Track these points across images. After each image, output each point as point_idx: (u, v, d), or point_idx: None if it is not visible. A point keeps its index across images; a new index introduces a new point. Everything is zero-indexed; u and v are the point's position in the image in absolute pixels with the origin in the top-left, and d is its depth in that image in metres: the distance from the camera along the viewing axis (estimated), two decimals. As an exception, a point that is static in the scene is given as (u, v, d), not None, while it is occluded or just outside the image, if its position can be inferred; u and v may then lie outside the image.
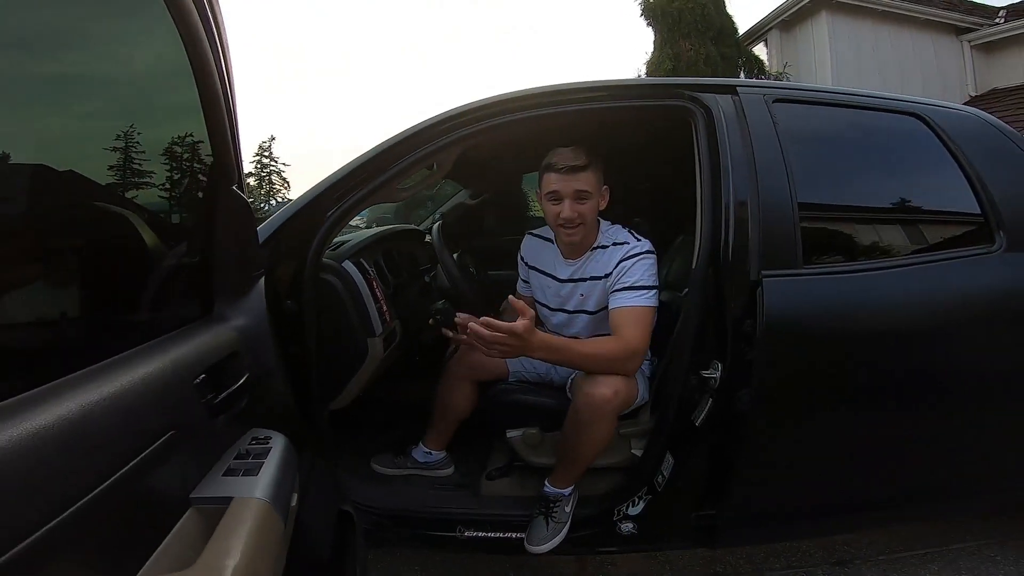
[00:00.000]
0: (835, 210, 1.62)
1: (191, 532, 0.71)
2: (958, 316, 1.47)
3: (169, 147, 0.95)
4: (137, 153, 0.84)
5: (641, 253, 1.57)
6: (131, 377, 0.68)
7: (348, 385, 1.61)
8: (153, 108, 0.97)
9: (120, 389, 0.65)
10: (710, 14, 8.03)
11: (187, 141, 0.97)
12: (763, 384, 1.36)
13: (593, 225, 1.62)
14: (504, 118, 1.56)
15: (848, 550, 1.93)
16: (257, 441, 0.94)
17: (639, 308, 1.51)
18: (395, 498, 1.71)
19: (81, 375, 0.64)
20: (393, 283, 1.97)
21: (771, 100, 1.54)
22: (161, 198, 0.96)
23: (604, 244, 1.63)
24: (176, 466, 0.74)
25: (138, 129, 0.84)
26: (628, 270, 1.55)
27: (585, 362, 1.49)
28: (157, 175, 0.92)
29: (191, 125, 0.96)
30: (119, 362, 0.70)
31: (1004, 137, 1.62)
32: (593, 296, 1.64)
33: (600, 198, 1.60)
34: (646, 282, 1.53)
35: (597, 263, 1.63)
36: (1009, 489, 1.66)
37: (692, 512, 1.53)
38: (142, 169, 0.86)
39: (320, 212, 1.47)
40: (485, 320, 1.36)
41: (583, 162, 1.54)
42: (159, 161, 0.92)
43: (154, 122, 0.97)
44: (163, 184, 0.96)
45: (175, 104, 0.98)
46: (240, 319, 1.06)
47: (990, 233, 1.50)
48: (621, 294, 1.53)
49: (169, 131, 0.97)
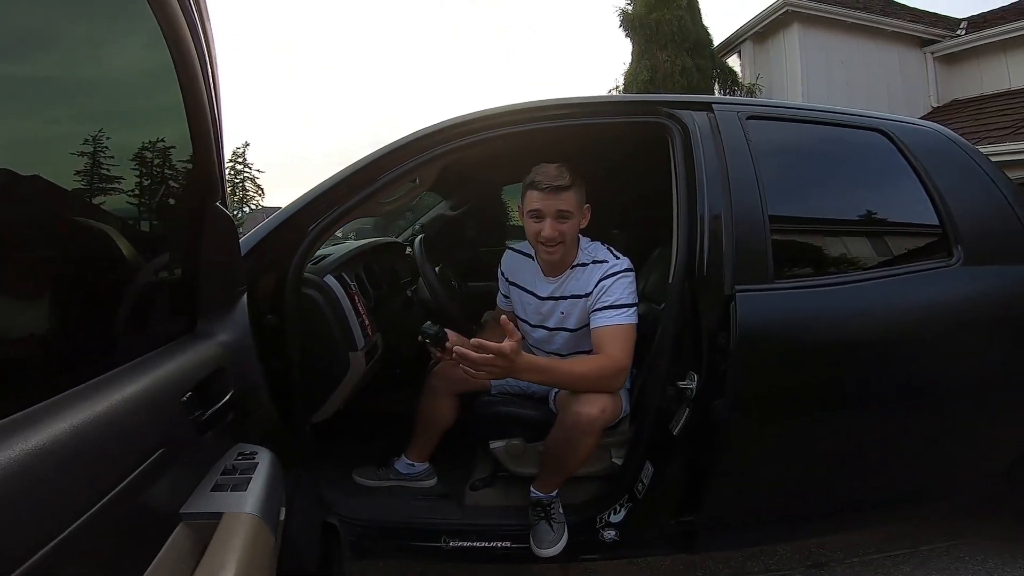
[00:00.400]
0: (804, 224, 1.68)
1: (182, 547, 0.71)
2: (920, 328, 1.53)
3: (154, 164, 0.95)
4: (121, 169, 0.84)
5: (621, 271, 1.59)
6: (121, 396, 0.68)
7: (330, 398, 1.61)
8: (139, 126, 0.97)
9: (111, 408, 0.65)
10: (687, 26, 8.18)
11: (173, 159, 0.98)
12: (737, 394, 1.40)
13: (573, 243, 1.64)
14: (487, 133, 1.59)
15: (823, 553, 1.99)
16: (243, 456, 0.95)
17: (622, 327, 1.53)
18: (378, 510, 1.71)
19: (71, 394, 0.64)
20: (374, 296, 1.97)
21: (745, 117, 1.59)
22: (146, 215, 0.97)
23: (584, 262, 1.65)
24: (166, 483, 0.74)
25: (123, 146, 0.84)
26: (608, 289, 1.57)
27: (572, 382, 1.51)
28: (141, 192, 0.92)
29: (176, 142, 0.96)
30: (108, 380, 0.71)
31: (962, 152, 1.69)
32: (574, 314, 1.66)
33: (582, 217, 1.61)
34: (626, 300, 1.55)
35: (577, 281, 1.64)
36: (972, 490, 1.73)
37: (672, 519, 1.57)
38: (126, 186, 0.86)
39: (302, 226, 1.47)
40: (476, 342, 1.36)
41: (566, 182, 1.54)
42: (144, 178, 0.92)
43: (139, 139, 0.98)
44: (148, 201, 0.96)
45: (163, 123, 0.99)
46: (225, 335, 1.06)
47: (949, 247, 1.57)
48: (603, 313, 1.55)
49: (154, 149, 0.98)
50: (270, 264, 1.43)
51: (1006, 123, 6.46)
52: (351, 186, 1.52)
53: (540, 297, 1.71)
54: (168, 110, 0.96)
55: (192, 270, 1.03)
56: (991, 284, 1.57)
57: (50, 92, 0.74)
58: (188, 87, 0.89)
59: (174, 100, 0.90)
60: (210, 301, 1.07)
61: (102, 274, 0.83)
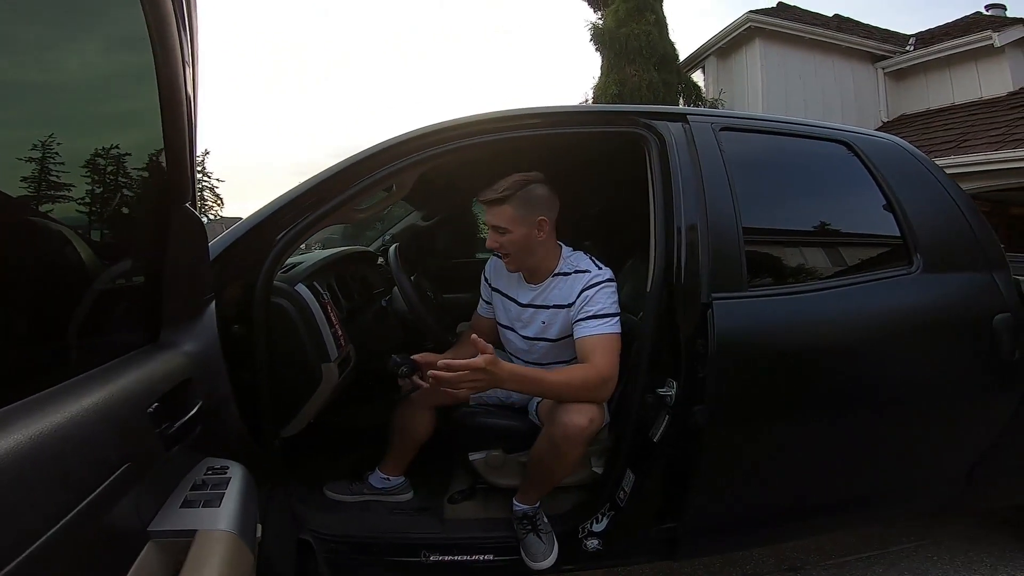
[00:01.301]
0: (774, 233, 1.72)
1: (152, 568, 0.67)
2: (884, 332, 1.58)
3: (118, 163, 0.90)
4: (80, 168, 0.80)
5: (603, 281, 1.58)
6: (80, 407, 0.64)
7: (301, 411, 1.56)
8: (105, 120, 0.92)
9: (69, 420, 0.61)
10: (655, 40, 8.34)
11: (140, 157, 0.93)
12: (715, 400, 1.42)
13: (528, 254, 1.61)
14: (464, 141, 1.57)
15: (799, 556, 2.03)
16: (213, 471, 0.90)
17: (607, 336, 1.52)
18: (352, 525, 1.65)
19: (21, 406, 0.59)
20: (347, 307, 1.93)
21: (718, 128, 1.63)
22: (107, 216, 0.91)
23: (565, 271, 1.63)
24: (133, 499, 0.69)
25: (84, 142, 0.80)
26: (591, 299, 1.56)
27: (558, 391, 1.49)
28: (103, 192, 0.88)
29: (144, 139, 0.92)
30: (64, 391, 0.66)
31: (918, 163, 1.76)
32: (556, 324, 1.64)
33: (533, 229, 1.57)
34: (609, 309, 1.55)
35: (559, 290, 1.63)
36: (936, 492, 1.78)
37: (654, 526, 1.57)
38: (86, 187, 0.82)
39: (271, 233, 1.43)
40: (444, 363, 1.36)
41: (498, 196, 1.55)
42: (107, 177, 0.87)
43: (104, 135, 0.93)
44: (110, 201, 0.91)
45: (129, 118, 0.94)
46: (192, 344, 1.01)
47: (909, 255, 1.63)
48: (587, 323, 1.54)
49: (119, 145, 0.93)
50: (237, 273, 1.38)
51: (950, 137, 6.81)
52: (323, 192, 1.49)
53: (521, 304, 1.70)
54: (136, 108, 0.92)
55: (157, 275, 0.98)
56: (948, 290, 1.63)
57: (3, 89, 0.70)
58: (167, 83, 0.85)
59: (147, 96, 0.86)
60: (176, 308, 1.02)
61: (55, 279, 0.78)
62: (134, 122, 0.93)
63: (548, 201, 1.60)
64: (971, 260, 1.65)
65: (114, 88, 0.93)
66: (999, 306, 1.60)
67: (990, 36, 7.52)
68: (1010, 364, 1.59)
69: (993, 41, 7.47)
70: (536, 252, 1.61)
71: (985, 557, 1.99)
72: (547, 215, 1.58)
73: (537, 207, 1.57)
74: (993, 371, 1.62)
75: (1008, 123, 6.33)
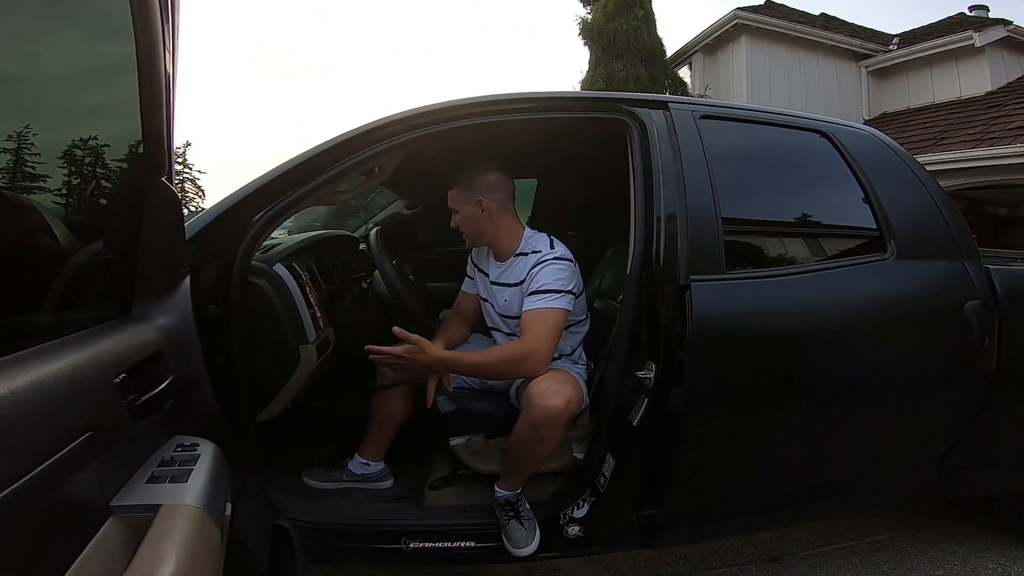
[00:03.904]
0: (752, 218, 1.74)
1: (113, 542, 0.65)
2: (858, 317, 1.60)
3: (92, 135, 0.88)
4: (54, 140, 0.78)
5: (551, 259, 1.63)
6: (42, 372, 0.62)
7: (279, 394, 1.53)
8: (78, 87, 0.90)
9: (29, 384, 0.59)
10: (642, 36, 8.35)
11: (114, 129, 0.91)
12: (694, 382, 1.43)
13: (482, 235, 1.75)
14: (444, 126, 1.56)
15: (777, 547, 2.06)
16: (183, 448, 0.89)
17: (543, 311, 1.57)
18: (331, 512, 1.64)
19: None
20: (327, 290, 1.90)
21: (698, 116, 1.64)
22: (81, 190, 0.89)
23: (524, 251, 1.70)
24: (95, 472, 0.68)
25: (56, 111, 0.78)
26: (536, 276, 1.61)
27: (487, 370, 1.61)
28: (75, 163, 0.86)
29: (121, 111, 0.90)
30: (27, 357, 0.64)
31: (894, 155, 1.79)
32: (514, 302, 1.70)
33: (478, 210, 1.70)
34: (552, 286, 1.59)
35: (517, 269, 1.70)
36: (910, 479, 1.80)
37: (634, 512, 1.57)
38: (58, 156, 0.80)
39: (249, 214, 1.41)
40: (370, 347, 1.53)
41: (450, 181, 1.75)
42: (79, 148, 0.85)
43: (76, 104, 0.90)
44: (84, 174, 0.89)
45: (104, 85, 0.92)
46: (165, 318, 1.00)
47: (884, 242, 1.66)
48: (529, 298, 1.60)
49: (94, 115, 0.91)
50: (214, 254, 1.35)
51: (929, 135, 6.91)
52: (303, 173, 1.46)
53: (491, 280, 1.77)
54: (114, 75, 0.90)
55: (131, 248, 0.96)
56: (921, 277, 1.65)
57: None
58: (145, 56, 0.83)
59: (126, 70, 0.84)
60: (149, 282, 1.00)
61: (24, 249, 0.76)
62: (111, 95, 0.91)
63: (492, 184, 1.72)
64: (944, 249, 1.68)
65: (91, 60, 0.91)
66: (970, 294, 1.63)
67: (971, 36, 7.62)
68: (980, 351, 1.62)
69: (974, 41, 7.57)
70: (485, 231, 1.73)
71: (957, 548, 2.03)
72: (487, 196, 1.70)
73: (477, 190, 1.70)
74: (964, 358, 1.64)
75: (984, 122, 6.44)
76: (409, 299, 1.85)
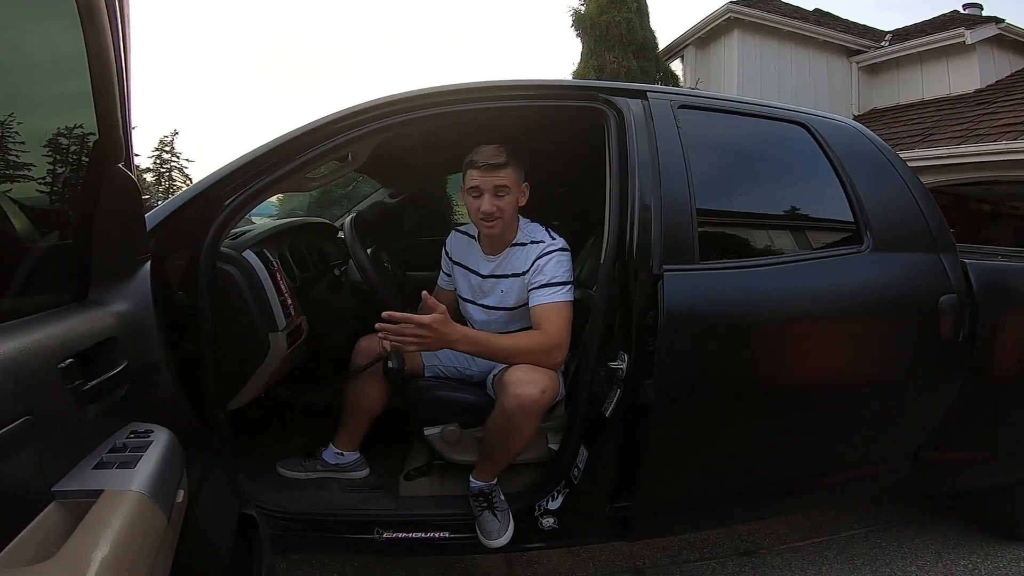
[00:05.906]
0: (728, 208, 1.73)
1: (52, 527, 0.64)
2: (832, 309, 1.60)
3: (46, 120, 0.87)
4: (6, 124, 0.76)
5: (555, 250, 1.63)
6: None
7: (248, 383, 1.52)
8: (28, 70, 0.88)
9: None
10: (635, 28, 8.29)
11: (68, 115, 0.89)
12: (665, 373, 1.42)
13: (512, 220, 1.67)
14: (422, 112, 1.55)
15: (753, 541, 2.07)
16: (136, 435, 0.87)
17: (557, 303, 1.57)
18: (304, 501, 1.63)
19: None
20: (300, 278, 1.88)
21: (676, 106, 1.62)
22: (35, 175, 0.88)
23: (523, 241, 1.68)
24: (33, 456, 0.66)
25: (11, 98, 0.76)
26: (543, 268, 1.61)
27: (506, 354, 1.55)
28: (28, 147, 0.84)
29: (73, 97, 0.88)
30: None
31: (874, 148, 1.79)
32: (513, 292, 1.68)
33: (520, 194, 1.65)
34: (561, 278, 1.59)
35: (516, 260, 1.67)
36: (885, 472, 1.81)
37: (608, 505, 1.57)
38: (11, 142, 0.78)
39: (218, 199, 1.39)
40: (387, 314, 1.42)
41: (503, 160, 1.59)
42: (31, 133, 0.84)
43: (27, 86, 0.89)
44: (38, 159, 0.87)
45: (56, 69, 0.90)
46: (120, 304, 0.98)
47: (860, 234, 1.66)
48: (540, 291, 1.59)
49: (48, 104, 0.89)
50: (182, 239, 1.33)
51: (916, 131, 6.93)
52: (275, 159, 1.45)
53: (482, 276, 1.73)
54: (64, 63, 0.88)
55: (86, 234, 0.94)
56: (896, 270, 1.65)
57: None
58: (93, 48, 0.82)
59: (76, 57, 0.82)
60: (106, 268, 0.98)
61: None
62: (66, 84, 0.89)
63: (525, 172, 1.67)
64: (920, 242, 1.68)
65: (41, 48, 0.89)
66: (945, 287, 1.63)
67: (962, 33, 7.63)
68: (954, 345, 1.63)
69: (965, 38, 7.58)
70: (512, 218, 1.67)
71: (931, 543, 2.06)
72: (527, 183, 1.67)
73: (523, 173, 1.66)
74: (937, 351, 1.65)
75: (972, 119, 6.46)
76: (382, 287, 1.82)
